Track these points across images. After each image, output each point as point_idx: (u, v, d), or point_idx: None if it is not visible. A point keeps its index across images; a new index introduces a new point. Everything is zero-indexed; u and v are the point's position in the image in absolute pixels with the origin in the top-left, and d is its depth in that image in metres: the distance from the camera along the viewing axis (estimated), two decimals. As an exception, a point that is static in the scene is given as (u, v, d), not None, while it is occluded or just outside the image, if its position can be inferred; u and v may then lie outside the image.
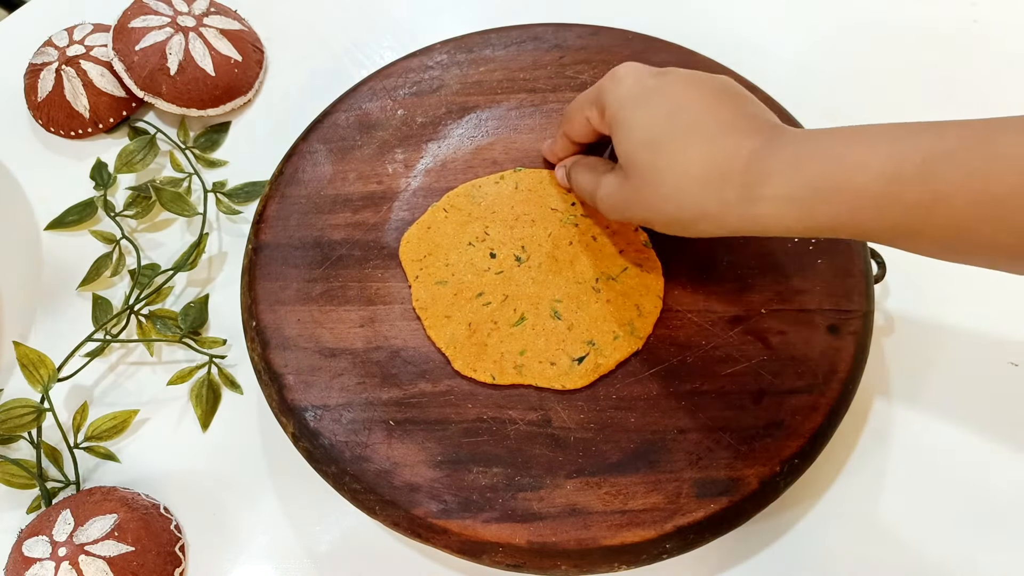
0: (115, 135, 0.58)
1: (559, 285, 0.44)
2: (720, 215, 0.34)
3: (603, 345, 0.43)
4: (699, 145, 0.35)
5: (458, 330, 0.44)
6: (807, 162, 0.32)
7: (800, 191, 0.32)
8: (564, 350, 0.43)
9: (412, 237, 0.46)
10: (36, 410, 0.46)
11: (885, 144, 0.31)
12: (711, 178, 0.34)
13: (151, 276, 0.51)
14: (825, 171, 0.32)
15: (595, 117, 0.40)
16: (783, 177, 0.33)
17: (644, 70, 0.38)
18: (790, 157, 0.33)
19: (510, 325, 0.44)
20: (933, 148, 0.29)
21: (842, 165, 0.31)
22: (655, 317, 0.44)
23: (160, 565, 0.43)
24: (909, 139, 0.30)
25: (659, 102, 0.36)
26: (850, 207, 0.31)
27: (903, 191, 0.30)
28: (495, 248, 0.45)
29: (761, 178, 0.33)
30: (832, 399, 0.41)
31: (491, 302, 0.44)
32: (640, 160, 0.36)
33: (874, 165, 0.30)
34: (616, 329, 0.43)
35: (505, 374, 0.43)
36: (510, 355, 0.43)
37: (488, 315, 0.44)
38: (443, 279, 0.45)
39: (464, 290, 0.44)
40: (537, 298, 0.44)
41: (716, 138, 0.35)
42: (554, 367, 0.43)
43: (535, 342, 0.43)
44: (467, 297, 0.44)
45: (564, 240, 0.45)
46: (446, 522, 0.39)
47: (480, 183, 0.48)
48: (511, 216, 0.46)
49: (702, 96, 0.36)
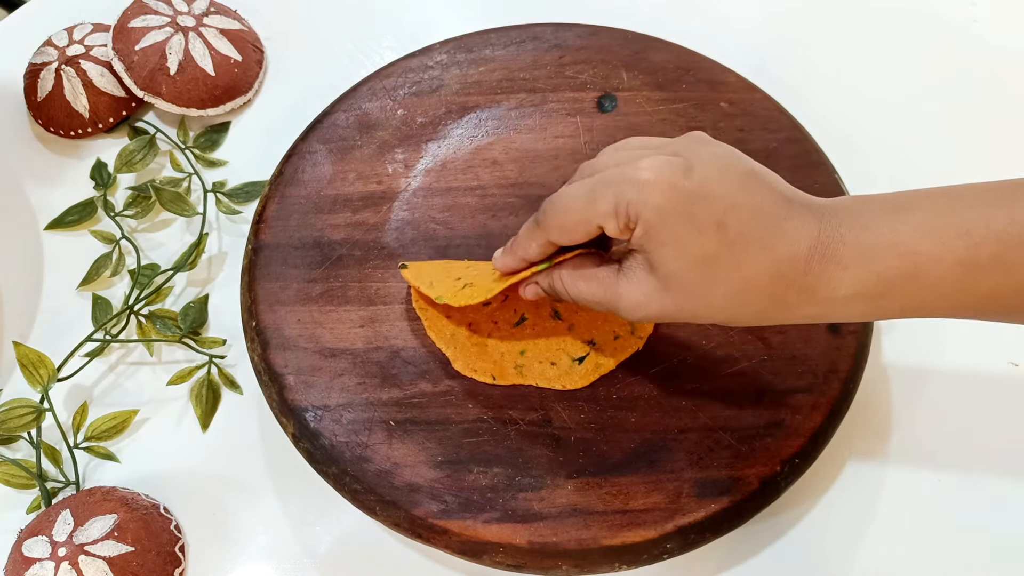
0: (115, 135, 0.58)
1: None
2: (779, 317, 0.33)
3: (603, 345, 0.43)
4: (757, 251, 0.32)
5: (458, 330, 0.44)
6: (874, 258, 0.31)
7: (870, 288, 0.31)
8: (564, 350, 0.43)
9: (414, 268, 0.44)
10: (36, 410, 0.46)
11: (954, 234, 0.30)
12: (773, 288, 0.32)
13: (151, 276, 0.51)
14: (895, 265, 0.30)
15: (614, 228, 0.34)
16: (850, 277, 0.31)
17: (671, 170, 0.32)
18: (854, 253, 0.31)
19: (510, 325, 0.44)
20: (1007, 233, 0.29)
21: (913, 259, 0.30)
22: None
23: (160, 565, 0.43)
24: (980, 223, 0.29)
25: (704, 212, 0.32)
26: (923, 298, 0.31)
27: (979, 284, 0.29)
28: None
29: (825, 280, 0.31)
30: (832, 398, 0.41)
31: (491, 302, 0.44)
32: (692, 275, 0.33)
33: (947, 259, 0.29)
34: (616, 329, 0.43)
35: (505, 374, 0.43)
36: (510, 355, 0.43)
37: (488, 315, 0.44)
38: (449, 313, 0.44)
39: None
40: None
41: (773, 240, 0.32)
42: (555, 367, 0.43)
43: (535, 342, 0.43)
44: None
45: None
46: (447, 522, 0.39)
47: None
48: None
49: (742, 189, 0.33)
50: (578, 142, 0.50)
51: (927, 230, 0.30)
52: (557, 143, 0.50)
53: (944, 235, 0.30)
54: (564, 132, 0.50)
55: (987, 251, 0.29)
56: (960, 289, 0.30)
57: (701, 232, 0.32)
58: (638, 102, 0.51)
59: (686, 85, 0.51)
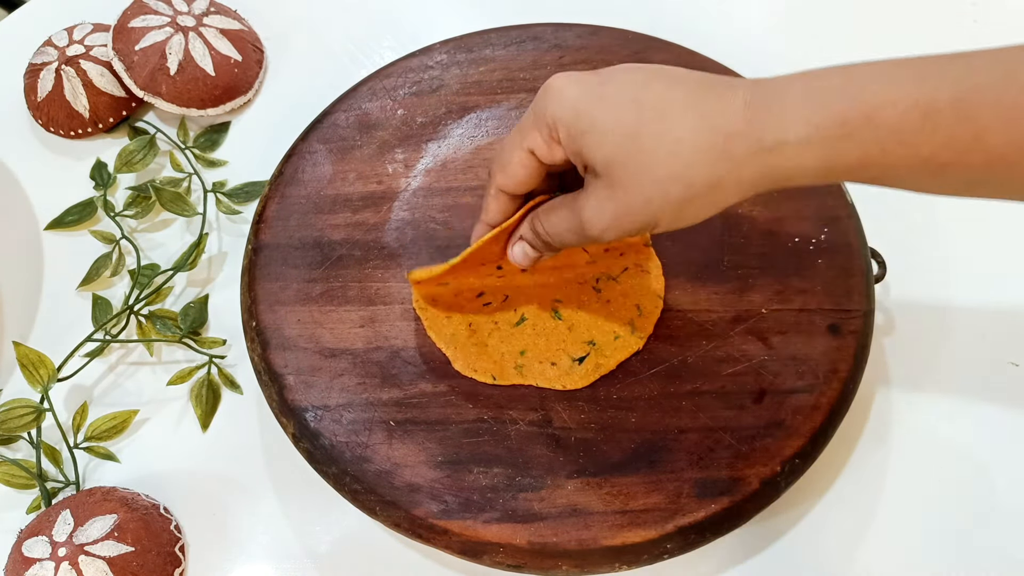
0: (115, 135, 0.58)
1: (559, 285, 0.44)
2: (733, 176, 0.31)
3: (604, 345, 0.43)
4: (683, 113, 0.31)
5: (459, 330, 0.44)
6: (826, 99, 0.29)
7: (824, 131, 0.29)
8: (565, 350, 0.43)
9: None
10: (36, 410, 0.46)
11: (910, 79, 0.29)
12: (712, 140, 0.31)
13: (151, 276, 0.51)
14: (851, 107, 0.29)
15: (542, 144, 0.34)
16: (800, 117, 0.30)
17: (580, 74, 0.34)
18: (800, 98, 0.30)
19: (511, 325, 0.44)
20: (964, 82, 0.28)
21: (869, 100, 0.29)
22: (656, 317, 0.44)
23: (160, 565, 0.43)
24: (935, 72, 0.28)
25: (617, 92, 0.32)
26: (881, 144, 0.29)
27: (937, 127, 0.28)
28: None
29: (771, 125, 0.30)
30: (832, 399, 0.41)
31: (491, 302, 0.44)
32: (624, 155, 0.32)
33: (904, 100, 0.28)
34: (617, 329, 0.43)
35: (506, 374, 0.43)
36: (511, 355, 0.43)
37: (488, 315, 0.44)
38: (444, 281, 0.44)
39: (465, 290, 0.44)
40: (538, 298, 0.44)
41: (697, 102, 0.31)
42: (555, 367, 0.43)
43: (536, 342, 0.43)
44: (467, 297, 0.44)
45: None
46: (447, 522, 0.39)
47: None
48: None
49: (655, 75, 0.33)
50: (578, 142, 0.50)
51: (882, 76, 0.29)
52: (557, 143, 0.50)
53: (900, 80, 0.29)
54: (564, 132, 0.50)
55: (945, 95, 0.28)
56: (919, 134, 0.28)
57: (618, 108, 0.32)
58: (638, 102, 0.51)
59: (686, 85, 0.51)
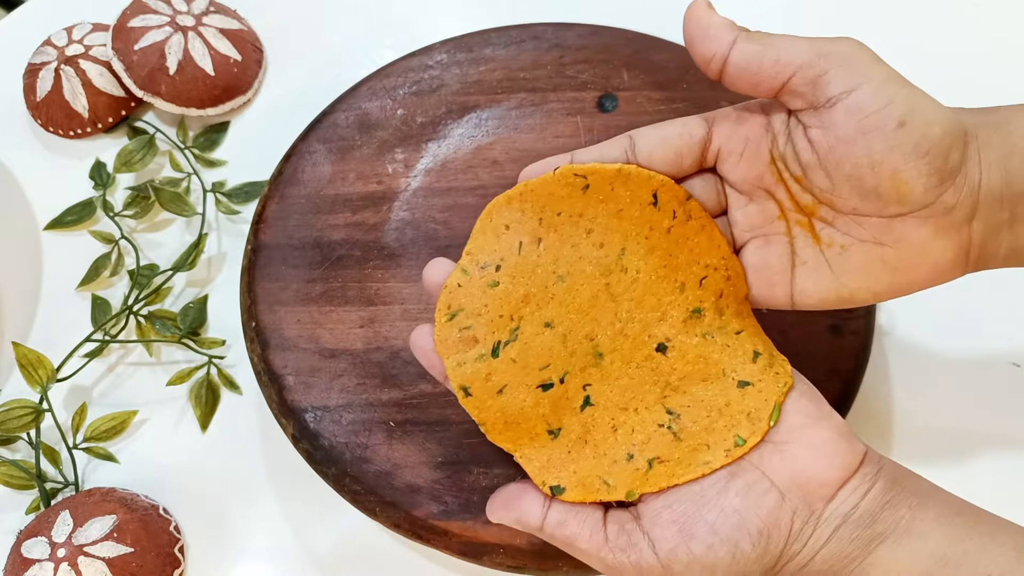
0: (114, 135, 0.58)
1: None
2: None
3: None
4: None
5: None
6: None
7: None
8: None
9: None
10: (35, 410, 0.46)
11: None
12: None
13: (150, 276, 0.51)
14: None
15: None
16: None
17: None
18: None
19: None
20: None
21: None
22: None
23: (159, 566, 0.43)
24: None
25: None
26: None
27: None
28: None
29: None
30: (833, 399, 0.41)
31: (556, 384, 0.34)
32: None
33: None
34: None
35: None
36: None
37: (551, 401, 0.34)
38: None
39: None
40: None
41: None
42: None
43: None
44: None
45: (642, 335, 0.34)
46: (447, 523, 0.39)
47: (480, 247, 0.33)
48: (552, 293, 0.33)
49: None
50: (579, 142, 0.50)
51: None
52: (558, 143, 0.50)
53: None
54: (565, 132, 0.50)
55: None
56: None
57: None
58: (639, 102, 0.51)
59: (687, 85, 0.51)
